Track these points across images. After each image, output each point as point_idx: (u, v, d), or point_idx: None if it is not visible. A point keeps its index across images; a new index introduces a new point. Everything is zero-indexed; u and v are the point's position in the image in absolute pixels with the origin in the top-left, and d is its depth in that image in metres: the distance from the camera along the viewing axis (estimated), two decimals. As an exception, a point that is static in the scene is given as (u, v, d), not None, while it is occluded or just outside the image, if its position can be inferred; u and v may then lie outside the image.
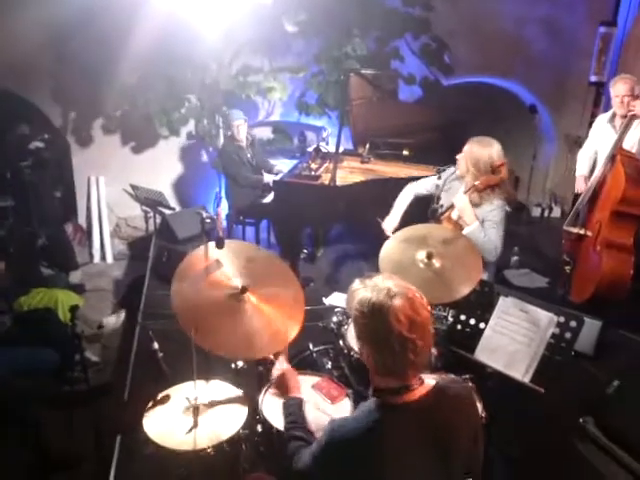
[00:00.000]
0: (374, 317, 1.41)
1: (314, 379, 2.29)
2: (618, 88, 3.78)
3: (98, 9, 4.85)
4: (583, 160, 4.19)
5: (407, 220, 2.96)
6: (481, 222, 2.96)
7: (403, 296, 1.42)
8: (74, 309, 2.69)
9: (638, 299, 4.08)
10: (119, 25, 4.84)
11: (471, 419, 1.57)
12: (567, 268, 3.96)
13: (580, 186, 4.10)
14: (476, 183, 2.90)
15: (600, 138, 4.01)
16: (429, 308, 1.48)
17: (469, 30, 5.78)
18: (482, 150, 2.95)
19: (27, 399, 2.89)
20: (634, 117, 3.68)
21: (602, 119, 4.08)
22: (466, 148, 3.01)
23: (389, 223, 3.28)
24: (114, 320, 4.31)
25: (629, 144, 3.78)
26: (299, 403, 1.93)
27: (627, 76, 3.89)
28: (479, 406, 2.06)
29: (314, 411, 2.05)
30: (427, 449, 1.45)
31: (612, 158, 3.69)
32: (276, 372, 2.13)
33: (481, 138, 3.02)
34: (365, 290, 1.46)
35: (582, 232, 3.85)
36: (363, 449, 1.42)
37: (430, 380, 1.53)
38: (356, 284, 1.52)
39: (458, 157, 3.02)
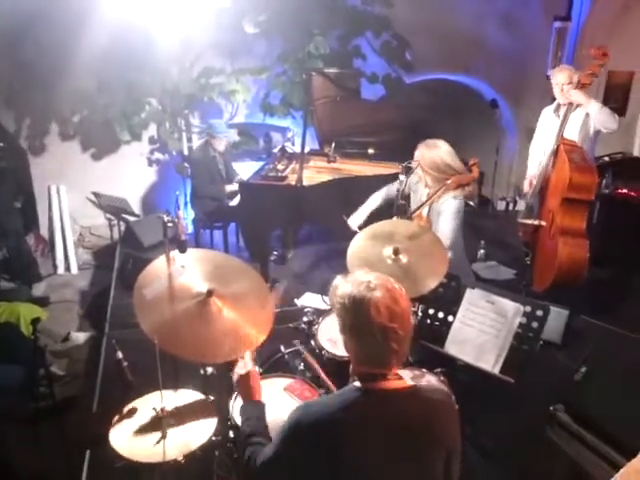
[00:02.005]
0: (355, 309, 1.45)
1: (286, 381, 2.27)
2: (557, 77, 3.89)
3: (51, 14, 4.74)
4: (534, 152, 4.23)
5: (376, 218, 2.97)
6: (437, 215, 3.02)
7: (382, 288, 1.46)
8: (35, 322, 2.60)
9: (602, 286, 4.20)
10: (74, 30, 4.73)
11: (445, 431, 1.52)
12: (527, 259, 4.04)
13: (527, 187, 4.15)
14: (448, 182, 2.93)
15: (546, 129, 4.08)
16: (408, 298, 1.51)
17: (429, 27, 5.82)
18: (431, 153, 2.98)
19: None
20: (571, 107, 3.78)
21: (548, 110, 4.17)
22: (417, 154, 3.03)
23: (354, 220, 3.30)
24: (82, 338, 4.18)
25: (570, 132, 3.86)
26: (261, 409, 1.80)
27: (565, 66, 4.03)
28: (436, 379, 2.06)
29: (286, 414, 2.02)
30: (396, 442, 1.45)
31: (556, 148, 3.77)
32: (240, 371, 1.91)
33: (427, 142, 3.04)
34: (346, 284, 1.50)
35: (536, 223, 3.93)
36: (333, 427, 1.42)
37: (410, 381, 1.54)
38: (338, 279, 1.56)
39: (413, 164, 3.01)
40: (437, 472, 1.50)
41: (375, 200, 3.38)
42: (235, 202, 4.96)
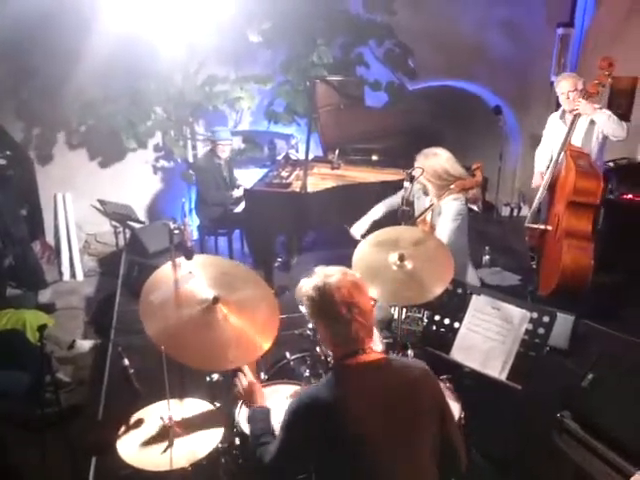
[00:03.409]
0: (320, 295, 1.67)
1: (292, 388, 2.27)
2: (562, 85, 3.92)
3: (56, 22, 4.77)
4: (540, 157, 4.31)
5: (378, 228, 2.99)
6: (437, 215, 3.04)
7: (339, 273, 1.71)
8: (42, 329, 2.60)
9: (608, 291, 4.18)
10: (79, 38, 4.76)
11: (426, 393, 1.65)
12: (533, 264, 4.06)
13: (537, 181, 4.21)
14: (451, 187, 2.94)
15: (553, 135, 4.13)
16: (362, 280, 1.73)
17: (431, 34, 5.84)
18: (430, 162, 2.99)
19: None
20: (578, 115, 3.83)
21: (554, 117, 4.21)
22: (417, 164, 3.03)
23: (357, 229, 3.31)
24: (87, 345, 4.18)
25: (577, 140, 3.91)
26: (267, 412, 1.93)
27: (569, 74, 4.09)
28: (442, 385, 2.04)
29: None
30: (382, 409, 1.58)
31: (563, 154, 3.81)
32: (242, 383, 2.07)
33: (425, 151, 3.06)
34: (308, 280, 1.74)
35: (543, 227, 3.98)
36: (322, 407, 1.58)
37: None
38: (301, 282, 1.79)
39: (416, 172, 2.99)
40: (429, 439, 1.61)
41: (378, 210, 3.40)
42: (240, 209, 4.97)
